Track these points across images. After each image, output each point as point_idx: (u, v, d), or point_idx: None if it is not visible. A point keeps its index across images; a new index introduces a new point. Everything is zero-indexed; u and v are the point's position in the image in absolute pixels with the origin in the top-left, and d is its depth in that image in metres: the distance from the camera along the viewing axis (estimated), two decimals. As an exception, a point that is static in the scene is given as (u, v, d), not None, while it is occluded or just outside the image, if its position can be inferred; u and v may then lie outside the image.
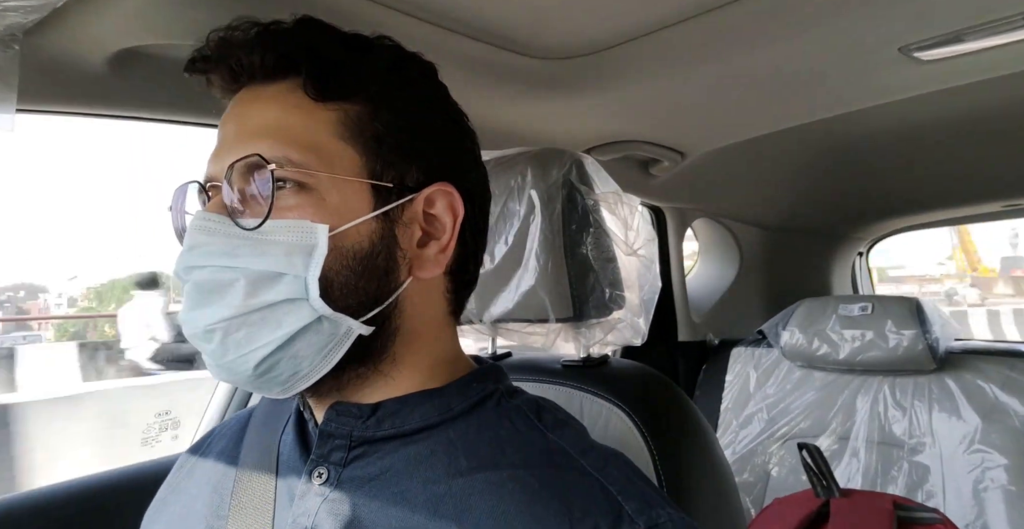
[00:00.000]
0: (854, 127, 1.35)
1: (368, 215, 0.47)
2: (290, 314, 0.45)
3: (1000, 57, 0.92)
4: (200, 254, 0.45)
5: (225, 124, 0.50)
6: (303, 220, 0.45)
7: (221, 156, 0.48)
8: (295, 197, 0.46)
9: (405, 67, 0.52)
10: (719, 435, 1.65)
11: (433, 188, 0.50)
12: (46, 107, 0.72)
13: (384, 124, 0.49)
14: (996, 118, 1.30)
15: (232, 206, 0.46)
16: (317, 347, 0.46)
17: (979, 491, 1.29)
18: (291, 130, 0.46)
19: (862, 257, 2.62)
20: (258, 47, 0.48)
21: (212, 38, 0.49)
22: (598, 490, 0.44)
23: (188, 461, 0.61)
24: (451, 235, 0.51)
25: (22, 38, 0.61)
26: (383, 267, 0.48)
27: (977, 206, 2.10)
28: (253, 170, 0.46)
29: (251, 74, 0.49)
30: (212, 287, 0.45)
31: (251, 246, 0.45)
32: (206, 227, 0.46)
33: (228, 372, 0.46)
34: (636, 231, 0.72)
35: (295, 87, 0.48)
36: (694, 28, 0.81)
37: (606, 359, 0.74)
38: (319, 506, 0.46)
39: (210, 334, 0.45)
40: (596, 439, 0.53)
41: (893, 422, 1.44)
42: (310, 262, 0.45)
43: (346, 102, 0.48)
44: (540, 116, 1.08)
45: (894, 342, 1.43)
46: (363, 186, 0.48)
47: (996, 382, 1.36)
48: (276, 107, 0.47)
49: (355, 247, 0.47)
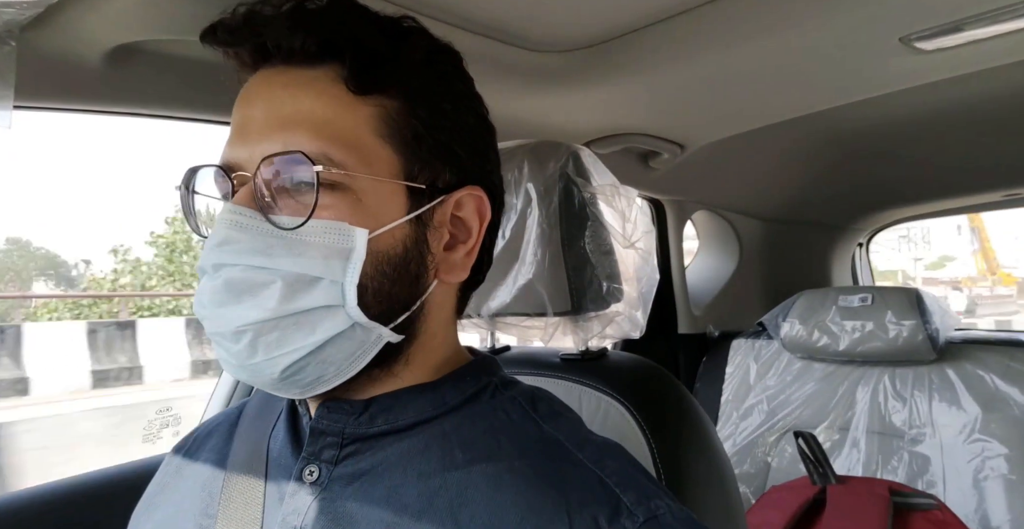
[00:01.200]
0: (854, 118, 1.35)
1: (404, 218, 0.46)
2: (325, 320, 0.43)
3: (1000, 46, 0.91)
4: (232, 251, 0.43)
5: (251, 104, 0.46)
6: (342, 222, 0.43)
7: (249, 143, 0.45)
8: (331, 196, 0.43)
9: (439, 59, 0.50)
10: (719, 427, 1.66)
11: (464, 192, 0.49)
12: (43, 103, 0.72)
13: (422, 122, 0.47)
14: (996, 108, 1.30)
15: (263, 200, 0.44)
16: (347, 353, 0.45)
17: (979, 480, 1.30)
18: (331, 124, 0.44)
19: (862, 248, 2.62)
20: (299, 28, 0.45)
21: (240, 11, 0.46)
22: (596, 482, 0.44)
23: (175, 459, 0.59)
24: (477, 239, 0.50)
25: (19, 34, 0.61)
26: (414, 272, 0.47)
27: (977, 196, 2.09)
28: (291, 165, 0.43)
29: (286, 56, 0.46)
30: (243, 287, 0.43)
31: (286, 246, 0.43)
32: (238, 222, 0.43)
33: (251, 373, 0.45)
34: (634, 223, 0.72)
35: (334, 76, 0.45)
36: (692, 20, 0.81)
37: (605, 352, 0.75)
38: (309, 505, 0.46)
39: (239, 335, 0.43)
40: (595, 431, 0.53)
41: (893, 412, 1.45)
42: (348, 267, 0.43)
43: (384, 96, 0.46)
44: (539, 109, 1.08)
45: (894, 333, 1.43)
46: (399, 187, 0.46)
47: (996, 372, 1.36)
48: (313, 96, 0.44)
49: (390, 252, 0.45)
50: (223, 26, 0.47)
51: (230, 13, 0.46)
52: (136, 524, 0.56)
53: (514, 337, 0.80)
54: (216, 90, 0.80)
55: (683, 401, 0.68)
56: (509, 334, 0.78)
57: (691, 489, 0.62)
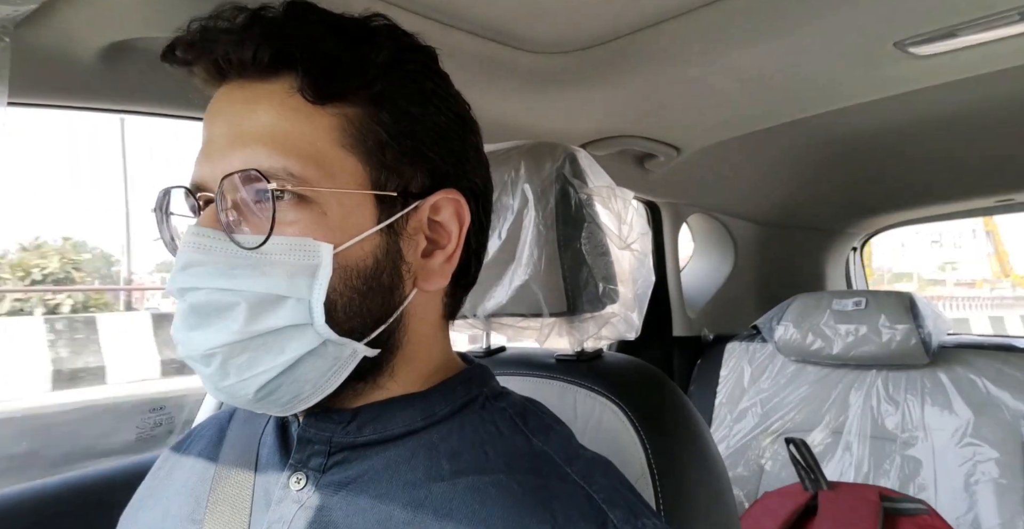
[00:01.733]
0: (849, 122, 1.35)
1: (372, 229, 0.45)
2: (294, 339, 0.43)
3: (995, 52, 0.92)
4: (195, 275, 0.42)
5: (214, 122, 0.46)
6: (305, 238, 0.42)
7: (211, 161, 0.44)
8: (295, 211, 0.43)
9: (406, 58, 0.48)
10: (713, 430, 1.66)
11: (439, 196, 0.47)
12: (37, 100, 0.72)
13: (387, 128, 0.45)
14: (990, 113, 1.30)
15: (227, 220, 0.43)
16: (321, 371, 0.44)
17: (970, 484, 1.30)
18: (290, 138, 0.43)
19: (856, 252, 2.63)
20: (250, 40, 0.43)
21: (194, 26, 0.45)
22: (583, 498, 0.43)
23: (167, 461, 0.59)
24: (457, 244, 0.49)
25: (13, 30, 0.61)
26: (388, 284, 0.46)
27: (971, 201, 2.11)
28: (249, 183, 0.43)
29: (241, 70, 0.45)
30: (210, 310, 0.42)
31: (250, 266, 0.42)
32: (201, 244, 0.42)
33: (227, 395, 0.44)
34: (629, 225, 0.72)
35: (291, 87, 0.44)
36: (689, 23, 0.81)
37: (600, 353, 0.75)
38: (295, 513, 0.45)
39: (209, 359, 0.43)
40: (589, 434, 0.53)
41: (886, 416, 1.45)
42: (314, 284, 0.42)
43: (345, 104, 0.45)
44: (535, 111, 1.08)
45: (887, 337, 1.44)
46: (366, 198, 0.45)
47: (988, 376, 1.37)
48: (270, 109, 0.44)
49: (359, 265, 0.44)
50: (179, 43, 0.46)
51: (185, 29, 0.45)
52: (123, 527, 0.56)
53: (509, 337, 0.79)
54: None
55: (678, 403, 0.68)
56: (505, 335, 0.78)
57: (686, 492, 0.62)
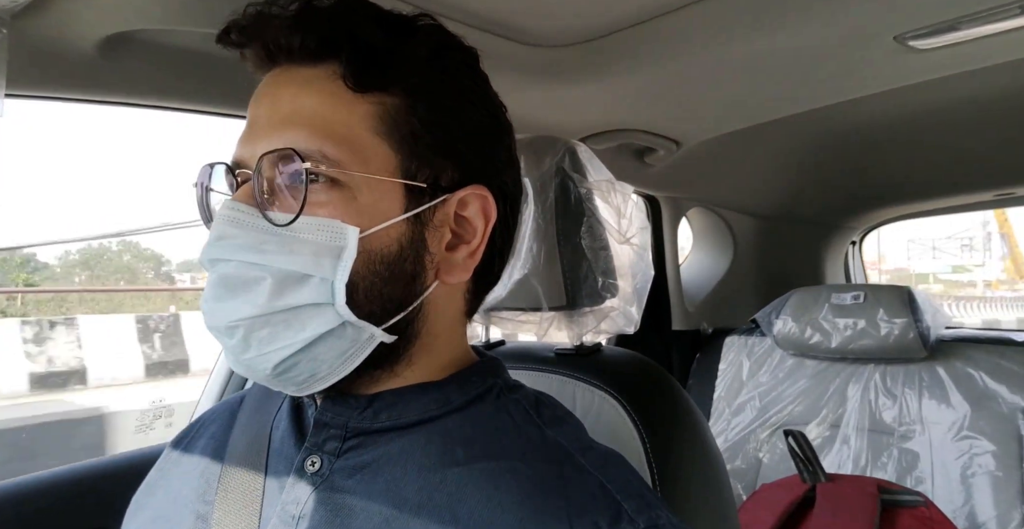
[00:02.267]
0: (849, 116, 1.35)
1: (399, 217, 0.46)
2: (315, 318, 0.44)
3: (995, 45, 0.92)
4: (227, 247, 0.44)
5: (258, 105, 0.47)
6: (334, 220, 0.44)
7: (252, 141, 0.46)
8: (327, 193, 0.44)
9: (447, 55, 0.49)
10: (712, 423, 1.67)
11: (467, 191, 0.48)
12: (35, 92, 0.72)
13: (422, 120, 0.46)
14: (989, 107, 1.30)
15: (262, 197, 0.45)
16: (338, 352, 0.45)
17: (967, 477, 1.31)
18: (327, 122, 0.45)
19: (855, 246, 2.64)
20: (299, 27, 0.45)
21: (250, 11, 0.47)
22: (597, 487, 0.44)
23: (176, 447, 0.60)
24: (481, 240, 0.49)
25: (10, 21, 0.61)
26: (410, 272, 0.47)
27: (970, 195, 2.11)
28: (286, 162, 0.44)
29: (288, 55, 0.47)
30: (237, 283, 0.44)
31: (279, 243, 0.44)
32: (235, 218, 0.44)
33: (246, 368, 0.46)
34: (629, 219, 0.72)
35: (333, 74, 0.45)
36: (689, 16, 0.81)
37: (599, 347, 0.75)
38: (310, 495, 0.46)
39: (232, 330, 0.44)
40: (588, 427, 0.54)
41: (884, 409, 1.46)
42: (338, 265, 0.44)
43: (385, 94, 0.46)
44: (535, 104, 1.07)
45: (885, 330, 1.44)
46: (396, 186, 0.46)
47: (985, 369, 1.37)
48: (313, 94, 0.45)
49: (383, 250, 0.45)
50: (234, 26, 0.47)
51: (242, 13, 0.47)
52: (135, 509, 0.56)
53: (509, 331, 0.80)
54: (210, 80, 0.80)
55: (677, 397, 0.69)
56: (504, 328, 0.78)
57: (684, 485, 0.62)
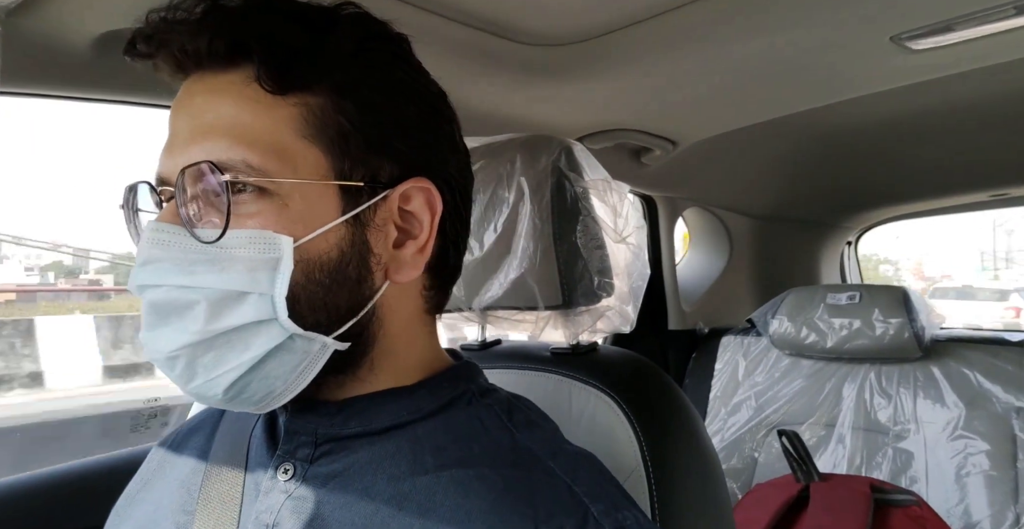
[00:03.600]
0: (845, 116, 1.35)
1: (336, 220, 0.43)
2: (259, 335, 0.42)
3: (991, 46, 0.92)
4: (155, 271, 0.42)
5: (176, 117, 0.45)
6: (265, 231, 0.41)
7: (172, 155, 0.43)
8: (256, 203, 0.42)
9: (373, 47, 0.46)
10: (708, 422, 1.67)
11: (408, 184, 0.46)
12: (29, 89, 0.71)
13: (350, 118, 0.44)
14: (985, 108, 1.31)
15: (187, 215, 0.42)
16: (291, 366, 0.43)
17: (961, 476, 1.32)
18: (248, 129, 0.42)
19: (851, 246, 2.64)
20: (205, 30, 0.42)
21: (152, 18, 0.43)
22: (565, 491, 0.43)
23: (158, 454, 0.59)
24: (429, 233, 0.48)
25: (5, 19, 0.60)
26: (355, 276, 0.45)
27: (965, 195, 2.12)
28: (207, 175, 0.42)
29: (198, 61, 0.44)
30: (170, 309, 0.41)
31: (210, 262, 0.41)
32: (160, 240, 0.42)
33: (197, 396, 0.44)
34: (625, 219, 0.72)
35: (249, 77, 0.43)
36: (686, 16, 0.81)
37: (595, 347, 0.75)
38: (283, 503, 0.45)
39: (173, 360, 0.42)
40: (584, 427, 0.53)
41: (879, 409, 1.46)
42: (275, 278, 0.41)
43: (308, 94, 0.43)
44: (531, 103, 1.07)
45: (881, 330, 1.45)
46: (329, 188, 0.44)
47: (980, 369, 1.38)
48: (230, 101, 0.43)
49: (323, 258, 0.43)
50: (139, 35, 0.44)
51: (144, 20, 0.44)
52: (116, 520, 0.56)
53: (505, 330, 0.80)
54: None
55: (672, 396, 0.69)
56: (500, 327, 0.78)
57: (679, 484, 0.62)
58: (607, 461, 0.50)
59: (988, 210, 2.35)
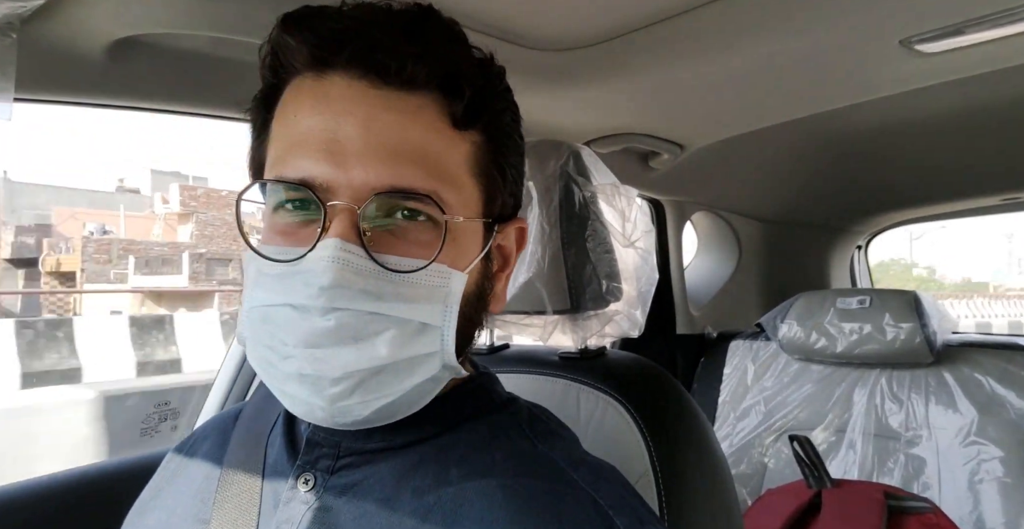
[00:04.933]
0: (854, 120, 1.35)
1: (480, 255, 0.45)
2: (423, 366, 0.43)
3: (1001, 50, 0.91)
4: (345, 295, 0.40)
5: (339, 120, 0.41)
6: (442, 265, 0.42)
7: (346, 167, 0.41)
8: (428, 233, 0.42)
9: (506, 86, 0.49)
10: (717, 427, 1.66)
11: (516, 224, 0.49)
12: (44, 96, 0.72)
13: (497, 157, 0.46)
14: (996, 111, 1.30)
15: (366, 236, 0.41)
16: (424, 392, 0.45)
17: (974, 483, 1.30)
18: (438, 160, 0.42)
19: (861, 250, 2.62)
20: (409, 51, 0.41)
21: (347, 11, 0.42)
22: (589, 503, 0.43)
23: (172, 462, 0.59)
24: (512, 266, 0.50)
25: (20, 26, 0.61)
26: (480, 308, 0.47)
27: (976, 199, 2.10)
28: (405, 201, 0.41)
29: (386, 75, 0.42)
30: (357, 334, 0.40)
31: (395, 290, 0.41)
32: (349, 261, 0.40)
33: (330, 413, 0.42)
34: (633, 223, 0.72)
35: (438, 107, 0.42)
36: (694, 20, 0.81)
37: (603, 351, 0.75)
38: (303, 514, 0.45)
39: (340, 380, 0.41)
40: (592, 431, 0.53)
41: (890, 415, 1.45)
42: (447, 312, 0.43)
43: (476, 132, 0.45)
44: (539, 108, 1.08)
45: (892, 335, 1.44)
46: (480, 225, 0.45)
47: (993, 375, 1.36)
48: (420, 128, 0.42)
49: (469, 291, 0.45)
50: (324, 26, 0.42)
51: (336, 9, 0.43)
52: (129, 528, 0.56)
53: (513, 335, 0.80)
54: (217, 84, 0.80)
55: (681, 401, 0.68)
56: (508, 332, 0.78)
57: (688, 489, 0.62)
58: (616, 465, 0.50)
59: (999, 214, 2.33)
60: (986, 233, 37.75)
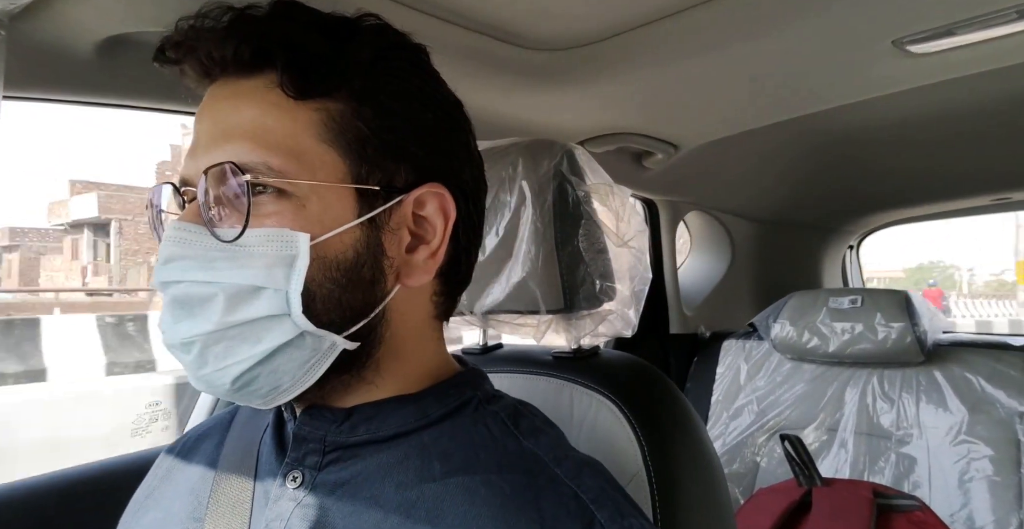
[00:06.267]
0: (846, 121, 1.35)
1: (352, 222, 0.45)
2: (271, 330, 0.43)
3: (993, 50, 0.92)
4: (176, 268, 0.44)
5: (200, 121, 0.47)
6: (283, 228, 0.43)
7: (196, 157, 0.45)
8: (274, 204, 0.44)
9: (392, 56, 0.48)
10: (710, 427, 1.67)
11: (423, 190, 0.48)
12: (33, 94, 0.72)
13: (369, 123, 0.46)
14: (987, 112, 1.31)
15: (208, 214, 0.44)
16: (299, 362, 0.45)
17: (964, 481, 1.31)
18: (270, 132, 0.44)
19: (853, 250, 2.64)
20: (231, 38, 0.44)
21: (181, 26, 0.46)
22: (571, 497, 0.44)
23: (165, 462, 0.59)
24: (442, 239, 0.49)
25: (8, 23, 0.61)
26: (368, 277, 0.46)
27: (967, 200, 2.12)
28: (229, 177, 0.43)
29: (223, 67, 0.45)
30: (190, 302, 0.43)
31: (229, 258, 0.43)
32: (181, 238, 0.44)
33: (206, 384, 0.45)
34: (627, 222, 0.72)
35: (272, 83, 0.44)
36: (688, 20, 0.81)
37: (597, 351, 0.75)
38: (292, 510, 0.46)
39: (187, 346, 0.44)
40: (586, 430, 0.53)
41: (881, 414, 1.46)
42: (291, 274, 0.43)
43: (328, 99, 0.45)
44: (533, 107, 1.08)
45: (883, 335, 1.44)
46: (347, 191, 0.45)
47: (983, 374, 1.37)
48: (253, 105, 0.44)
49: (339, 257, 0.45)
50: (168, 43, 0.47)
51: (174, 28, 0.46)
52: (124, 527, 0.56)
53: (506, 334, 0.80)
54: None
55: (674, 400, 0.68)
56: (502, 332, 0.78)
57: (681, 488, 0.62)
58: (608, 465, 0.50)
59: (989, 214, 2.34)
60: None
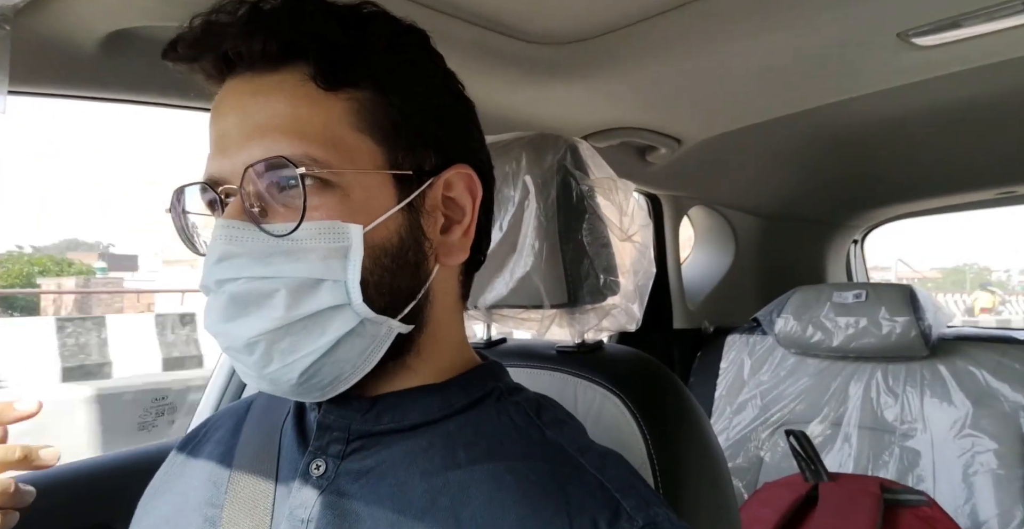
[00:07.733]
0: (851, 114, 1.35)
1: (394, 208, 0.46)
2: (334, 320, 0.44)
3: (998, 43, 0.91)
4: (232, 266, 0.43)
5: (223, 117, 0.46)
6: (334, 221, 0.44)
7: (230, 154, 0.45)
8: (319, 196, 0.44)
9: (404, 41, 0.49)
10: (713, 421, 1.67)
11: (452, 171, 0.49)
12: (37, 89, 0.72)
13: (397, 109, 0.47)
14: (992, 105, 1.30)
15: (251, 210, 0.44)
16: (359, 350, 0.45)
17: (968, 475, 1.31)
18: (307, 125, 0.44)
19: (857, 245, 2.63)
20: (257, 33, 0.44)
21: (197, 23, 0.46)
22: (596, 486, 0.44)
23: (181, 452, 0.59)
24: (472, 217, 0.50)
25: (13, 18, 0.61)
26: (413, 260, 0.47)
27: (972, 193, 2.10)
28: (275, 171, 0.43)
29: (250, 62, 0.45)
30: (250, 299, 0.43)
31: (284, 253, 0.43)
32: (232, 235, 0.43)
33: (270, 382, 0.45)
34: (631, 217, 0.72)
35: (300, 76, 0.45)
36: (691, 14, 0.81)
37: (600, 345, 0.75)
38: (316, 498, 0.46)
39: (252, 346, 0.43)
40: (590, 425, 0.54)
41: (885, 408, 1.46)
42: (347, 265, 0.44)
43: (356, 89, 0.46)
44: (537, 102, 1.07)
45: (887, 329, 1.44)
46: (385, 178, 0.46)
47: (987, 368, 1.37)
48: (284, 99, 0.44)
49: (386, 244, 0.46)
50: (183, 40, 0.46)
51: (187, 26, 0.46)
52: (140, 513, 0.56)
53: (510, 329, 0.80)
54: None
55: (678, 395, 0.69)
56: (506, 326, 0.78)
57: (685, 483, 0.62)
58: None
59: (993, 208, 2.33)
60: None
